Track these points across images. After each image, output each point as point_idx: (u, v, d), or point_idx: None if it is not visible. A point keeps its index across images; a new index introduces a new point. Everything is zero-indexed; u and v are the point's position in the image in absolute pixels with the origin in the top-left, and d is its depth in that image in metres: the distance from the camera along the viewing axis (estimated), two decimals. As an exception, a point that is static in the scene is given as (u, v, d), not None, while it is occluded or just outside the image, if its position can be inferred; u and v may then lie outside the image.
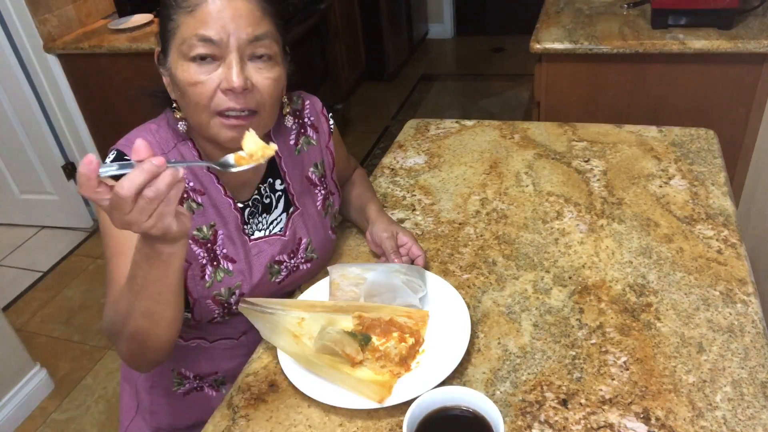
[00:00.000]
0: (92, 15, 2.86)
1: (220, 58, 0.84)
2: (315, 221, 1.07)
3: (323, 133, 1.10)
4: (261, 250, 1.00)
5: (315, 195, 1.08)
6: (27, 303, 2.63)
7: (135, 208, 0.63)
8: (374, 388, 0.84)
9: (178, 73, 0.85)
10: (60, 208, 3.01)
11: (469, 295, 1.02)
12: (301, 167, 1.06)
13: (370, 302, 0.98)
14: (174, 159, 0.92)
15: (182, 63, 0.84)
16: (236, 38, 0.83)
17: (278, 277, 1.03)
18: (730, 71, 1.85)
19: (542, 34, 2.01)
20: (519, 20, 4.32)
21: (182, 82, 0.85)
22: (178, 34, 0.84)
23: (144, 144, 0.63)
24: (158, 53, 0.90)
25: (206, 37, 0.82)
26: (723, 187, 1.21)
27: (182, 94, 0.87)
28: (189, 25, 0.83)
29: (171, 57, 0.86)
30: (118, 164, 0.62)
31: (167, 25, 0.85)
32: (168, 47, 0.87)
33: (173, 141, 0.94)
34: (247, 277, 0.98)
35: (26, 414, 2.08)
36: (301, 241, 1.05)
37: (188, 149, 0.94)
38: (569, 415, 0.80)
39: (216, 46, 0.83)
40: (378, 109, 4.03)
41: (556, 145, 1.42)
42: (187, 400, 1.09)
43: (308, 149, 1.08)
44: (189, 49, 0.83)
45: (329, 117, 1.12)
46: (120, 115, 2.70)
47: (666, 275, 1.01)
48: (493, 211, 1.22)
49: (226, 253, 0.96)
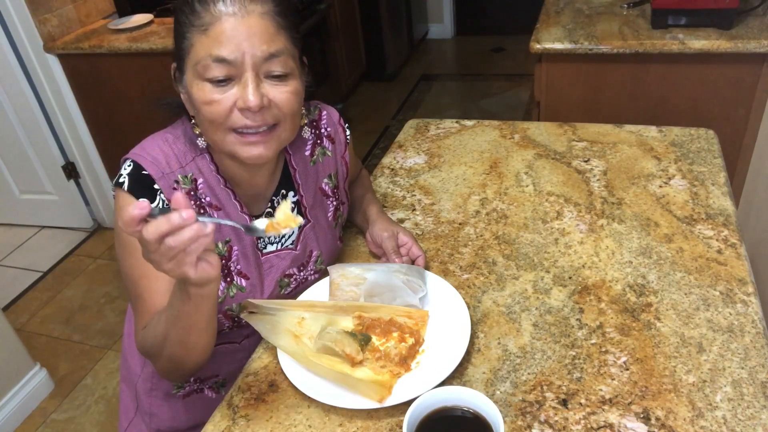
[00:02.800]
0: (92, 15, 2.86)
1: (236, 77, 0.83)
2: (325, 233, 1.07)
3: (339, 143, 1.10)
4: (272, 264, 1.00)
5: (327, 206, 1.08)
6: (27, 303, 2.63)
7: (158, 250, 0.66)
8: (374, 388, 0.84)
9: (194, 92, 0.84)
10: (60, 208, 3.01)
11: (469, 295, 1.02)
12: (315, 178, 1.06)
13: (370, 302, 0.98)
14: (191, 172, 0.91)
15: (198, 82, 0.84)
16: (251, 56, 0.82)
17: (287, 290, 1.04)
18: (730, 71, 1.85)
19: (542, 34, 2.01)
20: (519, 20, 4.31)
21: (198, 101, 0.84)
22: (192, 53, 0.83)
23: (183, 198, 0.67)
24: (174, 70, 0.89)
25: (221, 57, 0.81)
26: (723, 187, 1.21)
27: (198, 112, 0.86)
28: (203, 44, 0.82)
29: (187, 75, 0.86)
30: (160, 210, 0.67)
31: (182, 44, 0.84)
32: (183, 66, 0.86)
33: (191, 154, 0.93)
34: (258, 292, 0.99)
35: (26, 414, 2.08)
36: (312, 253, 1.05)
37: (206, 163, 0.93)
38: (569, 415, 0.80)
39: (231, 65, 0.82)
40: (378, 109, 4.03)
41: (556, 145, 1.42)
42: (187, 402, 1.09)
43: (323, 160, 1.07)
44: (204, 69, 0.82)
45: (346, 128, 1.11)
46: (120, 115, 2.70)
47: (666, 275, 1.01)
48: (493, 211, 1.22)
49: (240, 269, 0.96)
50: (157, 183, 0.88)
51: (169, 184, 0.89)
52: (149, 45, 2.48)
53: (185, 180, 0.91)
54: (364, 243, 1.15)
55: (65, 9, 2.71)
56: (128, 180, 0.88)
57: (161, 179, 0.88)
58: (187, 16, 0.82)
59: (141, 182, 0.87)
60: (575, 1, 2.27)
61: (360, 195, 1.22)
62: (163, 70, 2.86)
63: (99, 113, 2.79)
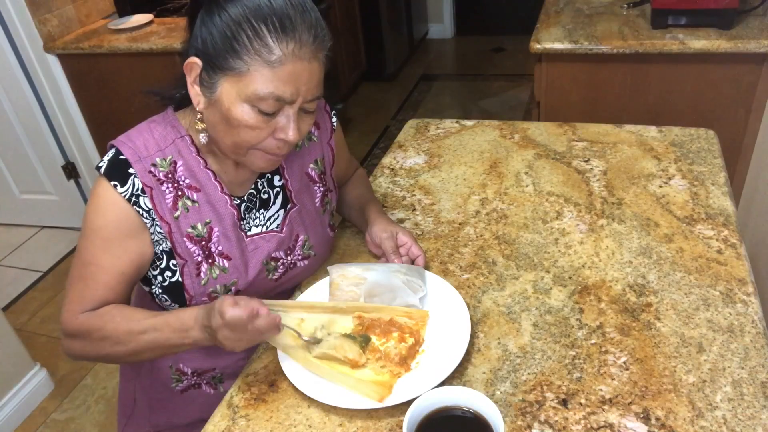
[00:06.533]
0: (92, 15, 2.86)
1: (280, 109, 0.85)
2: (313, 218, 1.07)
3: (325, 129, 1.11)
4: (257, 246, 1.00)
5: (314, 192, 1.08)
6: (27, 303, 2.63)
7: (244, 328, 0.82)
8: (374, 388, 0.84)
9: (233, 110, 0.84)
10: (60, 208, 3.01)
11: (469, 295, 1.02)
12: (301, 163, 1.06)
13: (370, 302, 0.98)
14: (170, 155, 0.93)
15: (243, 105, 0.84)
16: (303, 98, 0.85)
17: (275, 274, 1.03)
18: (730, 71, 1.85)
19: (542, 34, 2.01)
20: (519, 20, 4.31)
21: (237, 121, 0.84)
22: (248, 79, 0.82)
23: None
24: (200, 70, 0.86)
25: (282, 98, 0.83)
26: (723, 187, 1.21)
27: (229, 127, 0.86)
28: (265, 77, 0.81)
29: (224, 88, 0.84)
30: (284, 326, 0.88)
31: (232, 62, 0.82)
32: (223, 78, 0.84)
33: (171, 137, 0.93)
34: (242, 273, 0.98)
35: (26, 414, 2.08)
36: (298, 237, 1.05)
37: (186, 145, 0.94)
38: (569, 415, 0.80)
39: (284, 102, 0.84)
40: (378, 109, 4.03)
41: (556, 145, 1.42)
42: (185, 397, 1.09)
43: (309, 145, 1.08)
44: (259, 101, 0.83)
45: (332, 114, 1.12)
46: (120, 115, 2.70)
47: (666, 275, 1.01)
48: (493, 211, 1.22)
49: (221, 251, 0.96)
50: (133, 167, 0.89)
51: (145, 167, 0.90)
52: (149, 45, 2.49)
53: (162, 163, 0.92)
54: (364, 243, 1.15)
55: (65, 9, 2.71)
56: (106, 164, 0.90)
57: (137, 163, 0.90)
58: (252, 41, 0.81)
59: (117, 166, 0.90)
60: (575, 1, 2.27)
61: (359, 195, 1.21)
62: (163, 70, 2.86)
63: (99, 113, 2.79)
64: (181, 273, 0.94)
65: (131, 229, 0.90)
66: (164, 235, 0.92)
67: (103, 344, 0.90)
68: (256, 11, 0.81)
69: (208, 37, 0.83)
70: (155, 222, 0.91)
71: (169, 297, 0.96)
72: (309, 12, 0.84)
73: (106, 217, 0.89)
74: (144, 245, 0.92)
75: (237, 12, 0.81)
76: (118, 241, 0.90)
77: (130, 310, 0.92)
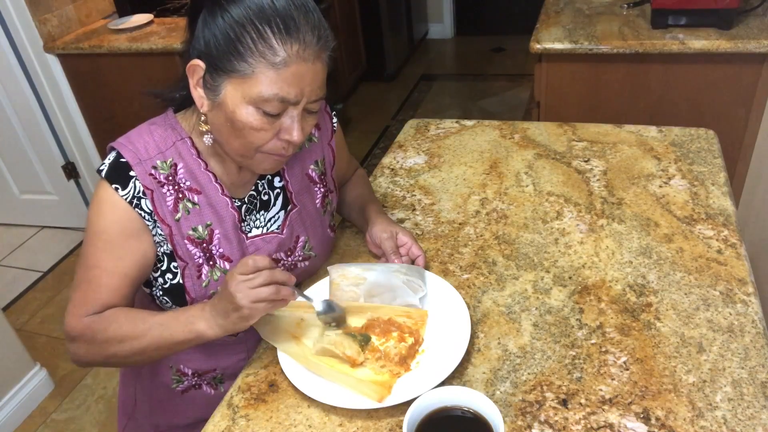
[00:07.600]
0: (92, 15, 2.86)
1: (285, 110, 0.85)
2: (313, 219, 1.07)
3: (326, 131, 1.10)
4: (258, 248, 1.00)
5: (314, 193, 1.08)
6: (27, 303, 2.63)
7: (254, 282, 0.82)
8: (374, 388, 0.84)
9: (238, 112, 0.84)
10: (60, 208, 3.01)
11: (469, 295, 1.02)
12: (301, 164, 1.06)
13: (370, 302, 0.98)
14: (171, 158, 0.92)
15: (247, 106, 0.83)
16: (307, 99, 0.85)
17: None
18: (730, 71, 1.85)
19: (542, 34, 2.01)
20: (519, 20, 4.31)
21: (242, 123, 0.84)
22: (252, 81, 0.82)
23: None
24: (203, 72, 0.85)
25: (287, 99, 0.83)
26: (723, 187, 1.21)
27: (234, 130, 0.86)
28: (270, 79, 0.81)
29: (228, 91, 0.84)
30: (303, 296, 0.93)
31: (236, 64, 0.82)
32: (226, 80, 0.84)
33: (172, 139, 0.93)
34: None
35: (26, 414, 2.08)
36: (299, 239, 1.05)
37: (186, 147, 0.94)
38: (569, 415, 0.80)
39: (288, 103, 0.84)
40: (378, 109, 4.03)
41: (556, 145, 1.42)
42: (185, 397, 1.09)
43: (310, 146, 1.08)
44: (264, 103, 0.82)
45: (333, 115, 1.12)
46: (120, 115, 2.71)
47: (666, 275, 1.01)
48: (493, 211, 1.22)
49: (223, 253, 0.96)
50: (133, 170, 0.89)
51: (146, 170, 0.90)
52: (149, 45, 2.49)
53: (163, 165, 0.92)
54: (364, 243, 1.15)
55: (65, 9, 2.71)
56: (107, 168, 0.90)
57: (137, 165, 0.90)
58: (256, 43, 0.80)
59: (118, 169, 0.89)
60: (575, 1, 2.27)
61: (359, 195, 1.21)
62: (163, 70, 2.86)
63: (99, 113, 2.79)
64: (182, 275, 0.94)
65: (134, 231, 0.90)
66: (165, 237, 0.92)
67: (108, 345, 0.90)
68: (259, 12, 0.80)
69: (211, 39, 0.83)
70: (156, 224, 0.91)
71: (170, 299, 0.96)
72: (312, 12, 0.83)
73: (108, 220, 0.89)
74: (146, 247, 0.92)
75: (240, 13, 0.80)
76: (120, 244, 0.90)
77: (134, 311, 0.92)
